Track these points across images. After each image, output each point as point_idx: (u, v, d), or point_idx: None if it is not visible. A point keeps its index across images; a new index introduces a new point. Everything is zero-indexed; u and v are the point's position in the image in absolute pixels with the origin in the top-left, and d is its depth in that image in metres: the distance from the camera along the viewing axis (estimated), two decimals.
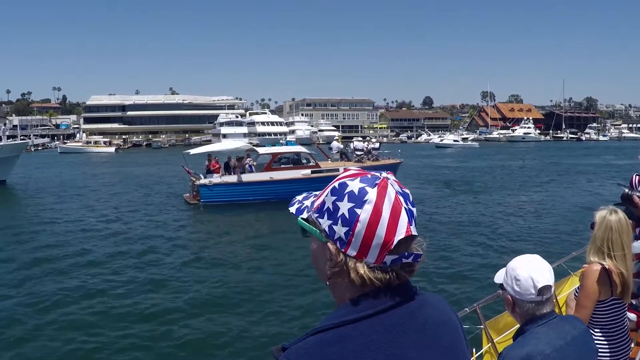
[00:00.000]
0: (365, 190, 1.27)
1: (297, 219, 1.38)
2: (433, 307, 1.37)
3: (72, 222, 22.03)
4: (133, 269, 14.76)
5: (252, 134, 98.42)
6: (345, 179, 1.31)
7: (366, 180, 1.29)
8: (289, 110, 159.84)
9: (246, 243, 18.35)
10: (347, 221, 1.26)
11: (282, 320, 10.82)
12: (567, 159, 63.44)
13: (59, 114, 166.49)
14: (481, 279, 12.73)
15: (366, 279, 1.26)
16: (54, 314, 11.19)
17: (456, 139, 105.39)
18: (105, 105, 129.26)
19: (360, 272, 1.26)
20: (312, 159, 27.60)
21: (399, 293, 1.29)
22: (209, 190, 25.31)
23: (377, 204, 1.25)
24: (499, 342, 4.30)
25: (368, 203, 1.25)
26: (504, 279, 2.63)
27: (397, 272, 1.29)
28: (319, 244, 1.34)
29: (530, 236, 18.50)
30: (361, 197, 1.26)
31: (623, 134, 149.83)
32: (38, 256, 16.07)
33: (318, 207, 1.34)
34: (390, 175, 1.34)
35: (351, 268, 1.27)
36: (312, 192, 1.45)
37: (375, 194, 1.26)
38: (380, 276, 1.27)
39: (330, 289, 1.37)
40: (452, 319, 1.41)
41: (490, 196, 29.26)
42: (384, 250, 1.26)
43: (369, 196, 1.26)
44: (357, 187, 1.28)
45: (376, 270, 1.27)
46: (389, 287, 1.28)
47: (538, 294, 2.48)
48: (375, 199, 1.26)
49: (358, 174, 1.33)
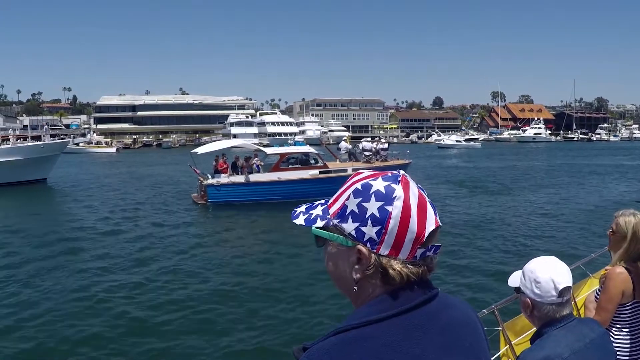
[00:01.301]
0: (391, 187, 1.28)
1: (311, 229, 1.36)
2: (455, 308, 1.37)
3: (97, 221, 22.32)
4: (138, 267, 14.74)
5: (262, 134, 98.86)
6: (366, 179, 1.32)
7: (389, 178, 1.31)
8: (299, 110, 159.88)
9: (254, 243, 18.31)
10: (378, 220, 1.27)
11: (297, 321, 10.74)
12: (578, 159, 63.10)
13: (70, 114, 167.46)
14: (497, 280, 12.56)
15: (403, 275, 1.27)
16: (41, 310, 11.19)
17: (459, 139, 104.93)
18: (116, 105, 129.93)
19: (397, 269, 1.27)
20: (320, 159, 27.53)
21: (421, 293, 1.30)
22: (216, 190, 25.28)
23: (405, 200, 1.27)
24: (517, 344, 4.23)
25: (397, 199, 1.27)
26: (521, 282, 2.58)
27: (425, 264, 1.31)
28: (339, 250, 1.33)
29: (545, 237, 18.30)
30: (389, 194, 1.27)
31: (634, 134, 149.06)
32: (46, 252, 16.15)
33: (338, 212, 1.33)
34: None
35: (387, 266, 1.27)
36: (313, 203, 1.43)
37: (402, 190, 1.28)
38: (415, 270, 1.28)
39: (351, 294, 1.35)
40: (473, 320, 1.41)
41: (503, 196, 29.07)
42: (416, 244, 1.28)
43: (396, 193, 1.27)
44: (383, 186, 1.29)
45: (409, 266, 1.28)
46: (411, 288, 1.29)
47: (559, 296, 2.44)
48: (403, 195, 1.27)
49: (376, 174, 1.34)
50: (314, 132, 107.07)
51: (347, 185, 1.35)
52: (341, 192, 1.35)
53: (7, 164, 36.19)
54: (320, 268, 14.32)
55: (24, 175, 37.02)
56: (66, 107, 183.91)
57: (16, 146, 39.33)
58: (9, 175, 35.99)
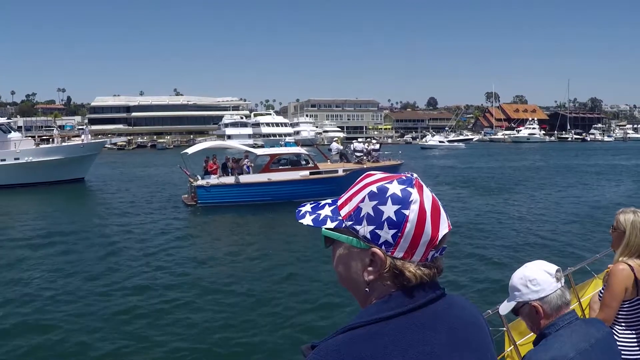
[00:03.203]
0: (408, 191, 1.29)
1: (322, 230, 1.35)
2: (461, 308, 1.38)
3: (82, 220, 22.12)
4: (126, 268, 14.70)
5: (256, 135, 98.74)
6: (381, 182, 1.32)
7: (404, 181, 1.31)
8: (293, 111, 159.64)
9: (243, 244, 18.22)
10: (394, 223, 1.27)
11: (286, 323, 10.70)
12: (573, 159, 63.16)
13: (64, 115, 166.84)
14: (501, 280, 12.54)
15: (417, 277, 1.28)
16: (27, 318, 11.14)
17: (442, 140, 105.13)
18: (110, 106, 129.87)
19: (412, 271, 1.28)
20: (311, 160, 27.50)
21: (428, 292, 1.31)
22: (206, 191, 25.24)
23: (421, 203, 1.28)
24: (522, 344, 4.23)
25: (414, 203, 1.28)
26: (517, 297, 2.58)
27: (437, 267, 1.33)
28: (352, 252, 1.33)
29: (547, 237, 18.28)
30: (406, 198, 1.28)
31: (628, 134, 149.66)
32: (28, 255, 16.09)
33: (351, 214, 1.32)
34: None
35: (403, 268, 1.28)
36: (317, 201, 1.43)
37: (417, 194, 1.29)
38: (427, 272, 1.30)
39: (361, 295, 1.35)
40: (479, 320, 1.42)
41: (503, 196, 29.17)
42: (430, 247, 1.29)
43: (413, 197, 1.28)
44: (399, 189, 1.29)
45: (422, 268, 1.29)
46: (418, 287, 1.30)
47: (557, 280, 2.48)
48: (419, 199, 1.28)
49: (390, 177, 1.34)
50: (309, 132, 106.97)
51: (359, 186, 1.35)
52: (353, 194, 1.35)
53: (51, 163, 37.22)
54: (310, 268, 14.39)
55: (64, 174, 37.93)
56: (60, 108, 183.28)
57: (59, 145, 40.34)
58: (51, 174, 37.01)
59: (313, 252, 15.80)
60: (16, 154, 36.75)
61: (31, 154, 37.16)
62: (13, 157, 36.63)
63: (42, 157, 37.39)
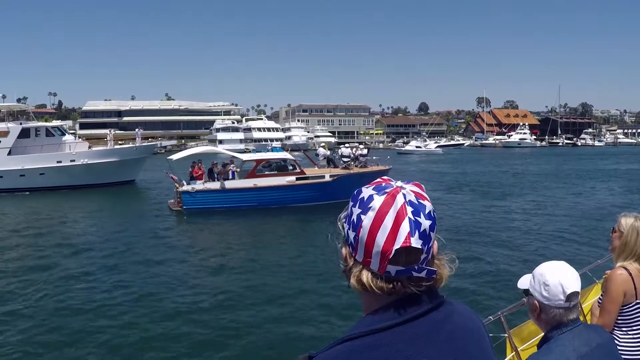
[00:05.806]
0: (372, 197, 1.29)
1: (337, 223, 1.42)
2: (461, 316, 1.38)
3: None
4: (103, 274, 14.62)
5: (248, 140, 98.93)
6: (365, 186, 1.35)
7: (378, 188, 1.31)
8: (285, 116, 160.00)
9: (227, 249, 18.07)
10: (354, 226, 1.30)
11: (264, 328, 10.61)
12: (563, 164, 63.29)
13: (55, 119, 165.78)
14: (504, 286, 12.54)
15: (367, 286, 1.27)
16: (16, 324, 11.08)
17: (419, 145, 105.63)
18: (102, 110, 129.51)
19: (362, 278, 1.28)
20: (297, 165, 27.48)
21: (426, 302, 1.31)
22: (191, 197, 25.20)
23: (380, 212, 1.26)
24: (523, 350, 4.25)
25: (372, 210, 1.27)
26: (530, 284, 2.58)
27: (403, 283, 1.28)
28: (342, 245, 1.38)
29: (550, 242, 18.29)
30: (367, 203, 1.28)
31: (619, 139, 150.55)
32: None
33: (346, 214, 1.38)
34: (415, 186, 1.34)
35: (354, 273, 1.29)
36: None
37: (380, 202, 1.27)
38: (383, 285, 1.27)
39: (359, 297, 1.37)
40: (479, 328, 1.42)
41: (500, 201, 29.14)
42: (384, 259, 1.26)
43: (373, 203, 1.27)
44: (367, 194, 1.30)
45: (379, 279, 1.27)
46: (416, 296, 1.29)
47: (566, 300, 2.44)
48: (378, 207, 1.27)
49: (377, 182, 1.36)
50: (300, 137, 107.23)
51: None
52: None
53: (105, 165, 37.68)
54: (295, 272, 14.35)
55: (117, 176, 38.35)
56: (52, 113, 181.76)
57: (113, 148, 40.86)
58: (105, 176, 37.46)
59: (300, 257, 15.79)
60: (72, 156, 37.09)
61: (86, 156, 37.61)
62: (69, 159, 36.91)
63: (97, 160, 37.78)
